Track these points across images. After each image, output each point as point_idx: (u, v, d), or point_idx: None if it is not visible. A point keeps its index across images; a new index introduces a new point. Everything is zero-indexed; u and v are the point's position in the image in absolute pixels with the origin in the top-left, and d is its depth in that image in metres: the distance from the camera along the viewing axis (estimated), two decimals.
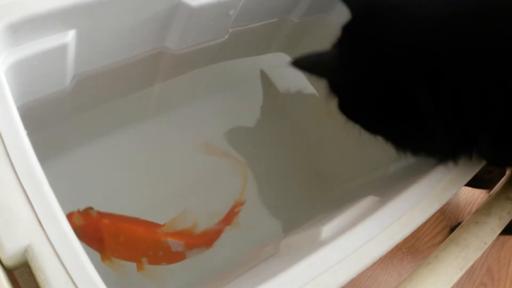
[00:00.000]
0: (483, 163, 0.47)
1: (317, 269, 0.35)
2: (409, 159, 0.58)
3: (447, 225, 0.90)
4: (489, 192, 0.84)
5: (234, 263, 0.55)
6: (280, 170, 0.66)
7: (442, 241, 0.86)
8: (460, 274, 0.40)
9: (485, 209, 0.45)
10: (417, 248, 0.85)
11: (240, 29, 0.58)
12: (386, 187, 0.51)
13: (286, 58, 0.71)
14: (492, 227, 0.43)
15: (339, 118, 0.47)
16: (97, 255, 0.43)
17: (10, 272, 0.30)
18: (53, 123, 0.52)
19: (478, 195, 0.95)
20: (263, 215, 0.61)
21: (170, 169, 0.60)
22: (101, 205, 0.55)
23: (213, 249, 0.57)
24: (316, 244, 0.39)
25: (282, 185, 0.64)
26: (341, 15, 0.44)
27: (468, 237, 0.42)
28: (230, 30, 0.57)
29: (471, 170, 0.46)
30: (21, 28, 0.37)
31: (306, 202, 0.63)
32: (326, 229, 0.42)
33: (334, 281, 0.35)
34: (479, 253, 0.41)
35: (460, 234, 0.43)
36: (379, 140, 0.46)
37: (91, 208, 0.46)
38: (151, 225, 0.48)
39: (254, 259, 0.51)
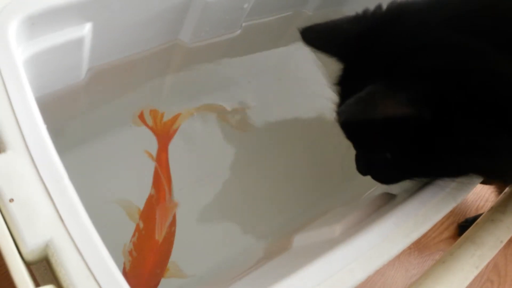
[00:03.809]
0: None
1: (335, 267, 0.35)
2: None
3: (454, 221, 0.89)
4: (496, 188, 0.84)
5: (245, 258, 0.55)
6: (292, 163, 0.66)
7: (449, 237, 0.87)
8: (476, 272, 0.39)
9: (500, 207, 0.45)
10: (424, 244, 0.85)
11: (253, 22, 0.58)
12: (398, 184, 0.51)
13: (302, 51, 0.71)
14: (508, 225, 0.43)
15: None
16: (117, 250, 0.44)
17: (28, 266, 0.30)
18: (67, 116, 0.52)
19: (485, 192, 0.95)
20: (274, 210, 0.61)
21: (183, 162, 0.60)
22: (115, 197, 0.55)
23: (224, 242, 0.57)
24: (332, 241, 0.39)
25: (291, 181, 0.64)
26: (355, 7, 0.44)
27: (484, 235, 0.42)
28: (243, 24, 0.57)
29: None
30: (39, 21, 0.36)
31: (317, 197, 0.63)
32: (342, 226, 0.42)
33: (351, 279, 0.35)
34: (495, 252, 0.41)
35: (475, 232, 0.42)
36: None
37: None
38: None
39: (266, 254, 0.52)
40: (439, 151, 0.39)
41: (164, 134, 0.59)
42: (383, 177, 0.46)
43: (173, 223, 0.55)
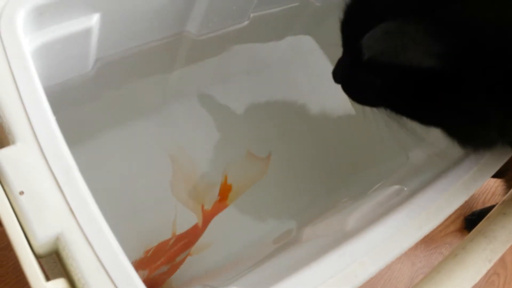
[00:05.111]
0: (510, 153, 0.46)
1: (347, 260, 0.35)
2: (429, 149, 0.57)
3: (460, 214, 0.89)
4: (505, 182, 0.83)
5: (255, 250, 0.55)
6: (300, 156, 0.65)
7: (456, 230, 0.87)
8: (488, 266, 0.39)
9: None
10: (430, 237, 0.85)
11: (261, 13, 0.57)
12: (410, 176, 0.51)
13: (310, 41, 0.70)
14: None
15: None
16: (128, 244, 0.44)
17: (38, 260, 0.30)
18: (74, 107, 0.52)
19: (492, 185, 0.94)
20: (284, 202, 0.61)
21: (193, 154, 0.60)
22: (121, 190, 0.55)
23: (233, 235, 0.57)
24: (344, 234, 0.39)
25: (301, 173, 0.64)
26: None
27: (496, 229, 0.41)
28: (251, 15, 0.56)
29: (499, 160, 0.45)
30: (47, 11, 0.36)
31: (326, 190, 0.63)
32: (353, 219, 0.41)
33: (363, 272, 0.35)
34: (508, 245, 0.41)
35: (487, 225, 0.42)
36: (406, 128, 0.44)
37: None
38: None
39: (276, 247, 0.51)
40: (430, 100, 0.37)
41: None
42: (356, 95, 0.43)
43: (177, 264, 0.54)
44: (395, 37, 0.32)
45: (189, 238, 0.55)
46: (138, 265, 0.51)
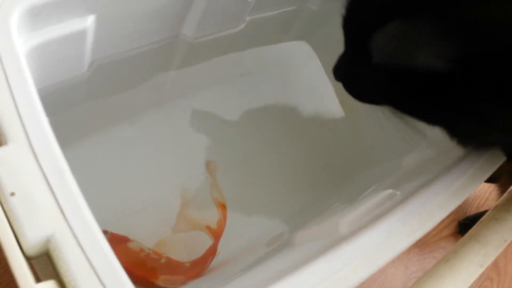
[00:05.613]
0: (503, 159, 0.46)
1: (338, 264, 0.35)
2: (422, 153, 0.58)
3: (454, 219, 0.90)
4: (497, 186, 0.84)
5: (246, 251, 0.55)
6: (293, 160, 0.65)
7: (449, 235, 0.87)
8: (480, 271, 0.39)
9: (505, 205, 0.45)
10: (424, 241, 0.85)
11: (257, 17, 0.57)
12: (403, 180, 0.51)
13: (305, 46, 0.70)
14: None
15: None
16: None
17: (28, 261, 0.30)
18: (70, 109, 0.52)
19: (486, 189, 0.95)
20: (276, 206, 0.61)
21: (185, 158, 0.60)
22: (115, 195, 0.55)
23: (226, 236, 0.57)
24: (335, 238, 0.39)
25: (294, 177, 0.64)
26: None
27: (488, 234, 0.42)
28: (247, 18, 0.56)
29: (492, 165, 0.46)
30: (43, 11, 0.36)
31: (319, 194, 0.63)
32: (345, 223, 0.41)
33: (355, 276, 0.35)
34: (499, 250, 0.41)
35: (479, 230, 0.42)
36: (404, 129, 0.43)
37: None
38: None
39: (268, 250, 0.51)
40: (436, 99, 0.36)
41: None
42: (358, 93, 0.42)
43: None
44: (407, 37, 0.31)
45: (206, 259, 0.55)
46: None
